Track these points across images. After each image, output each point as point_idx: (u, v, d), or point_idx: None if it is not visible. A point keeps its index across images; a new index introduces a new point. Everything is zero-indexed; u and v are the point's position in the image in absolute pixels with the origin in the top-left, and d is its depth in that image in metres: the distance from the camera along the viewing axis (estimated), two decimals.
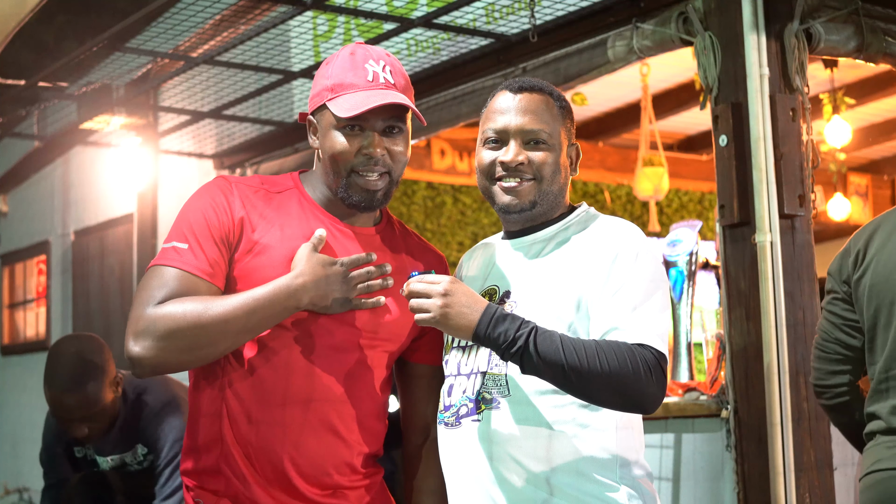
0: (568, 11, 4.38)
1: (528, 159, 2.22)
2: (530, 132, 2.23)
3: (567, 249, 2.21)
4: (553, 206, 2.27)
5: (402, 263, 2.34)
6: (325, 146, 2.25)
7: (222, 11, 5.08)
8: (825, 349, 2.90)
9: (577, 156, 2.32)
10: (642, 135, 6.57)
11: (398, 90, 2.24)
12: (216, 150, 6.50)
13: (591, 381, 2.04)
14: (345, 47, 2.30)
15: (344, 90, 2.22)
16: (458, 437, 2.20)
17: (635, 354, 2.05)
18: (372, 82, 2.22)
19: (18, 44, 4.99)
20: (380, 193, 2.25)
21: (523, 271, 2.23)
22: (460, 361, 2.24)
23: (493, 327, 2.05)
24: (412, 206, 7.94)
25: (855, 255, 2.85)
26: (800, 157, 3.70)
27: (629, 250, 2.15)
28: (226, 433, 2.21)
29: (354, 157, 2.22)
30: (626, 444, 2.17)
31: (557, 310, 2.14)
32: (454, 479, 2.22)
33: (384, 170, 2.23)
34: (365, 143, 2.22)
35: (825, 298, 2.94)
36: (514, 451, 2.13)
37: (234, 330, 2.12)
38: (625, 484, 2.15)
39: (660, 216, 8.17)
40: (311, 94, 2.29)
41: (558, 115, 2.26)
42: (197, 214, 2.23)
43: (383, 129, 2.23)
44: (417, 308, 2.08)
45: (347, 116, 2.19)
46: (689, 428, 3.86)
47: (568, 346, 2.04)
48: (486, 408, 2.17)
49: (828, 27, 3.79)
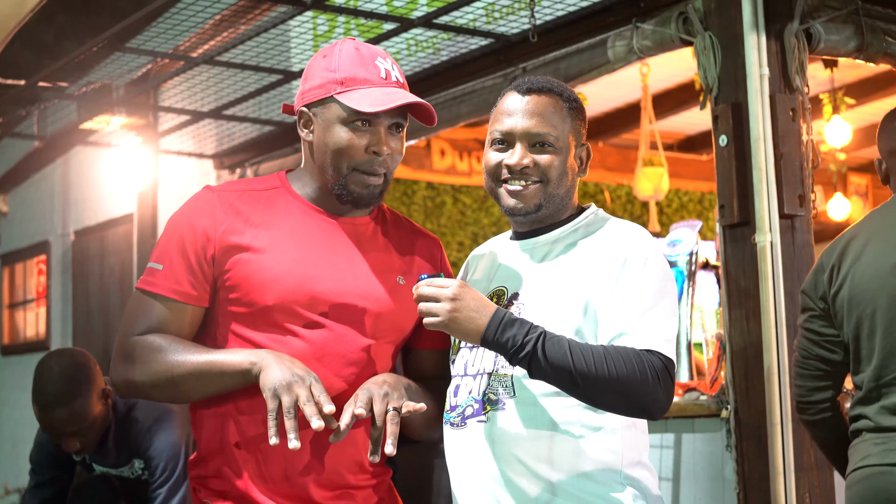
0: (568, 11, 4.38)
1: (533, 162, 2.21)
2: (536, 135, 2.21)
3: (575, 252, 2.20)
4: (560, 207, 2.26)
5: (396, 251, 2.32)
6: (329, 140, 2.21)
7: (222, 11, 5.08)
8: (806, 367, 2.92)
9: (588, 156, 2.31)
10: (642, 135, 6.57)
11: (407, 90, 2.24)
12: (216, 150, 6.50)
13: (598, 386, 2.04)
14: (342, 41, 2.26)
15: (357, 84, 2.19)
16: (464, 438, 2.20)
17: (643, 360, 2.05)
18: (385, 80, 2.20)
19: (18, 44, 4.98)
20: (377, 190, 2.23)
21: (531, 274, 2.23)
22: (467, 362, 2.24)
23: (502, 332, 2.05)
24: (412, 206, 7.94)
25: (829, 270, 2.86)
26: (800, 157, 3.70)
27: (638, 255, 2.15)
28: (231, 435, 2.20)
29: (363, 153, 2.19)
30: (631, 444, 2.16)
31: (564, 313, 2.13)
32: (459, 478, 2.22)
33: (384, 170, 2.22)
34: (373, 140, 2.19)
35: (802, 316, 2.95)
36: (519, 451, 2.13)
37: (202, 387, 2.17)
38: (630, 485, 2.14)
39: (660, 216, 8.17)
40: (309, 85, 2.24)
41: (567, 116, 2.25)
42: (175, 234, 2.21)
43: (389, 127, 2.21)
44: (426, 312, 2.08)
45: (370, 111, 2.16)
46: (689, 428, 3.86)
47: (576, 352, 2.04)
48: (491, 409, 2.17)
49: (828, 27, 3.79)
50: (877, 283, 2.76)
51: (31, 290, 8.73)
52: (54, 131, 6.73)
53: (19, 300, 8.90)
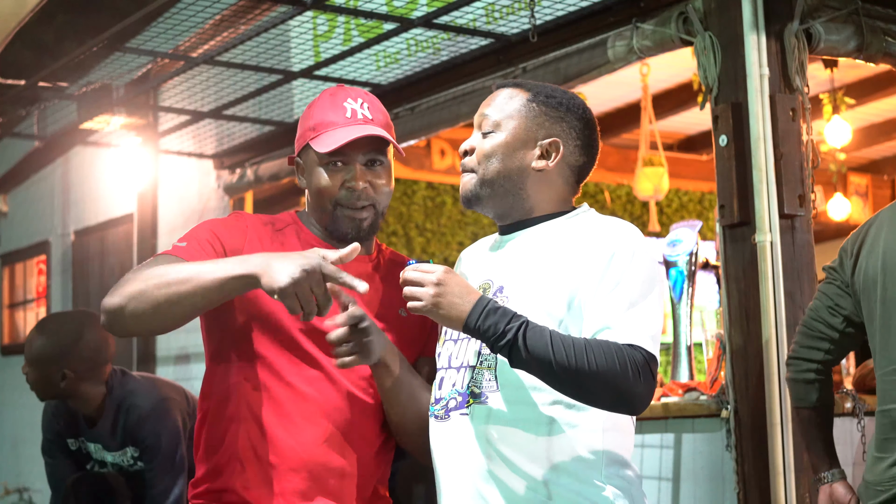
0: (568, 11, 4.38)
1: (474, 148, 2.28)
2: (482, 117, 2.28)
3: (561, 246, 2.20)
4: (514, 196, 2.26)
5: (395, 287, 2.33)
6: (311, 183, 2.34)
7: (222, 11, 5.08)
8: (809, 326, 2.97)
9: (558, 151, 2.27)
10: (642, 135, 6.57)
11: (376, 125, 2.33)
12: (216, 150, 6.50)
13: (578, 378, 2.04)
14: (325, 90, 2.40)
15: (325, 128, 2.31)
16: (447, 430, 2.21)
17: (625, 354, 2.05)
18: (350, 118, 2.32)
19: (18, 44, 4.99)
20: (365, 223, 2.33)
21: (516, 267, 2.23)
22: (451, 354, 2.25)
23: (484, 319, 2.06)
24: (412, 206, 7.94)
25: (851, 256, 2.90)
26: (800, 157, 3.70)
27: (625, 249, 2.14)
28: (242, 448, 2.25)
29: (339, 190, 2.31)
30: (614, 444, 2.17)
31: (549, 306, 2.14)
32: (443, 470, 2.23)
33: (367, 202, 2.32)
34: (347, 176, 2.31)
35: (823, 280, 2.99)
36: (501, 445, 2.14)
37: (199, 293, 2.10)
38: (611, 484, 2.15)
39: (660, 216, 8.17)
40: (297, 135, 2.39)
41: (525, 105, 2.26)
42: (205, 228, 2.32)
43: (365, 163, 2.32)
44: (410, 296, 2.10)
45: (327, 151, 2.28)
46: (689, 428, 3.86)
47: (557, 343, 2.04)
48: (474, 401, 2.18)
49: (828, 27, 3.79)
50: (886, 270, 2.78)
51: (31, 290, 8.73)
52: (54, 131, 6.72)
53: (19, 300, 8.90)
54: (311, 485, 2.24)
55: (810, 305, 3.00)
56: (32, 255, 8.68)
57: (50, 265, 8.39)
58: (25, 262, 8.81)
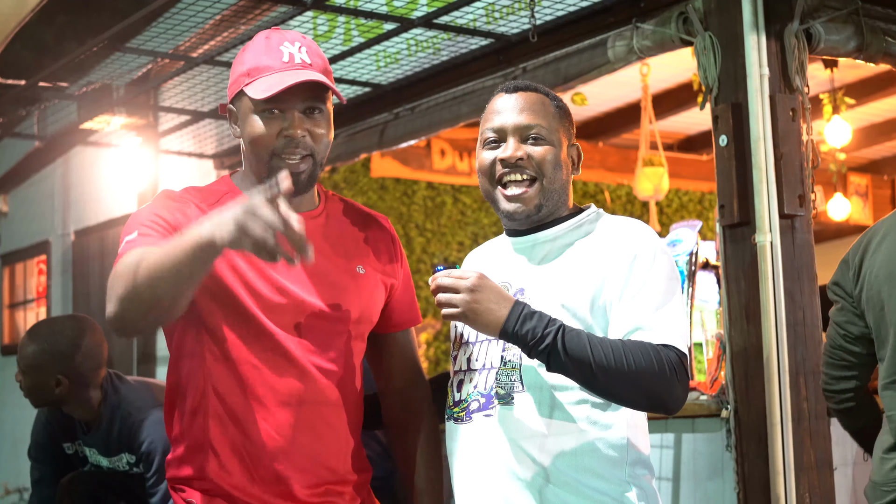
0: (568, 11, 4.38)
1: (527, 154, 2.22)
2: (527, 127, 2.23)
3: (579, 249, 2.21)
4: (558, 204, 2.26)
5: (351, 240, 2.30)
6: (245, 132, 2.21)
7: (222, 11, 5.08)
8: (832, 356, 2.97)
9: (579, 157, 2.32)
10: (642, 135, 6.57)
11: (315, 70, 2.20)
12: (216, 150, 6.50)
13: (617, 380, 2.05)
14: (260, 32, 2.26)
15: (260, 73, 2.18)
16: (470, 432, 2.20)
17: (661, 354, 2.06)
18: (287, 63, 2.18)
19: (18, 44, 4.99)
20: (303, 175, 2.20)
21: (534, 270, 2.23)
22: (471, 356, 2.24)
23: (522, 324, 2.05)
24: (412, 206, 7.93)
25: (853, 267, 2.90)
26: (800, 157, 3.70)
27: (647, 250, 2.16)
28: (213, 435, 2.19)
29: (276, 139, 2.18)
30: (636, 442, 2.18)
31: (572, 308, 2.14)
32: (464, 473, 2.22)
33: (306, 152, 2.20)
34: (285, 125, 2.18)
35: (832, 308, 2.99)
36: (527, 446, 2.14)
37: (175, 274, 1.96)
38: (634, 483, 2.16)
39: (660, 216, 8.17)
40: (229, 82, 2.25)
41: (555, 113, 2.27)
42: (144, 214, 2.20)
43: (303, 111, 2.19)
44: (445, 302, 2.08)
45: (263, 98, 2.15)
46: (689, 428, 3.86)
47: (595, 345, 2.05)
48: (499, 403, 2.17)
49: (828, 27, 3.79)
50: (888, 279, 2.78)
51: (31, 290, 8.73)
52: (54, 131, 6.73)
53: (19, 300, 8.90)
54: (285, 465, 2.18)
55: (828, 332, 2.99)
56: (33, 255, 8.68)
57: (50, 265, 8.39)
58: (26, 262, 8.81)
